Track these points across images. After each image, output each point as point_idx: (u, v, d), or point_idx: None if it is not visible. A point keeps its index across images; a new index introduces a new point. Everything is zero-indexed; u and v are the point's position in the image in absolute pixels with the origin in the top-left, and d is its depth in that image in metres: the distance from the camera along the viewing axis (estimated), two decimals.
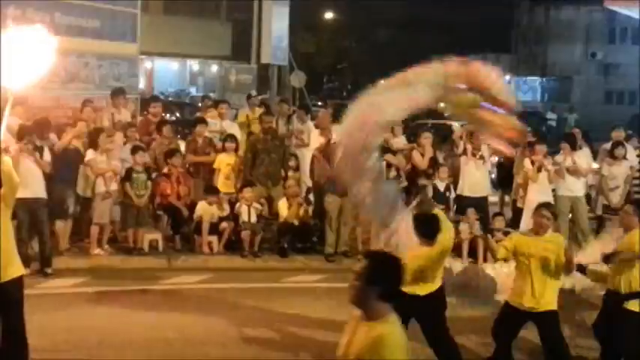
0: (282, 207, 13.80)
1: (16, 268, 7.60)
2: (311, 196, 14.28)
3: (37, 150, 12.17)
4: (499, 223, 13.69)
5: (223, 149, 14.26)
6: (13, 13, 15.82)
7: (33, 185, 11.83)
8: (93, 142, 13.19)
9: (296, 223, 13.78)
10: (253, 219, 13.58)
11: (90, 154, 13.06)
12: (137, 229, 13.34)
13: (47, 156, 12.40)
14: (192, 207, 13.63)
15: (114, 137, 13.76)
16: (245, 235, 13.46)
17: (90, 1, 17.91)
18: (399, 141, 15.14)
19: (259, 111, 16.83)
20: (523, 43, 61.36)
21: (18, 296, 7.60)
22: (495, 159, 15.44)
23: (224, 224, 13.55)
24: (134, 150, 13.42)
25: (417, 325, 8.04)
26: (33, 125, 12.66)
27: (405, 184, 14.27)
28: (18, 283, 7.60)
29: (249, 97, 18.55)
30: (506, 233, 10.44)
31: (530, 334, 8.67)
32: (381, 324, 4.49)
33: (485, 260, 13.52)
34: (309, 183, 14.60)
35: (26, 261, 10.18)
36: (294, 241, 13.94)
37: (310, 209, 14.09)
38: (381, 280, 4.53)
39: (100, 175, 13.01)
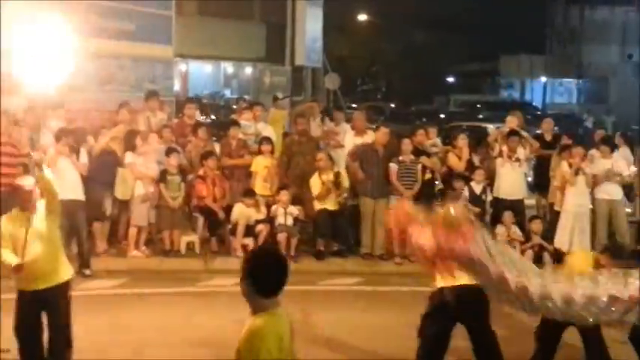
0: (315, 183, 13.77)
1: (65, 272, 7.83)
2: (343, 181, 14.11)
3: (74, 152, 12.28)
4: (536, 226, 13.61)
5: (259, 152, 14.26)
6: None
7: (70, 187, 11.92)
8: (130, 144, 13.26)
9: (330, 207, 13.72)
10: (289, 221, 13.56)
11: (129, 157, 13.13)
12: (173, 230, 13.40)
13: (84, 158, 12.51)
14: (227, 209, 13.65)
15: (149, 140, 13.80)
16: (281, 237, 13.45)
17: (125, 4, 18.03)
18: (434, 143, 15.05)
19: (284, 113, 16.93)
20: (558, 44, 60.88)
21: (67, 298, 7.82)
22: (532, 161, 15.29)
23: (260, 226, 13.54)
24: (168, 152, 13.48)
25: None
26: (71, 128, 12.76)
27: (440, 186, 14.24)
28: (66, 286, 7.82)
29: (275, 99, 18.50)
30: None
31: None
32: (259, 317, 4.60)
33: None
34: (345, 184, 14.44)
35: None
36: (330, 244, 13.89)
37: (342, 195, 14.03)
38: (257, 277, 4.61)
39: (139, 178, 13.10)
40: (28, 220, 7.49)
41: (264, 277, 4.60)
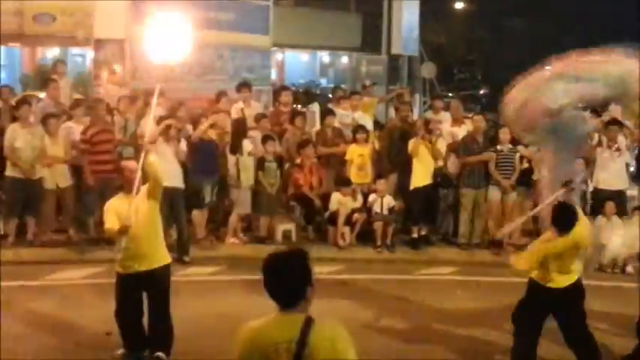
0: (412, 142, 13.68)
1: (164, 256, 8.02)
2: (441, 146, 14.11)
3: (174, 139, 12.50)
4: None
5: (354, 140, 14.26)
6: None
7: (170, 175, 12.13)
8: (241, 132, 13.46)
9: (425, 181, 13.61)
10: (386, 211, 13.56)
11: (248, 145, 13.34)
12: (270, 218, 13.55)
13: (183, 145, 12.73)
14: (324, 197, 13.72)
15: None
16: (377, 226, 13.47)
17: None
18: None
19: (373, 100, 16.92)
20: None
21: (166, 283, 8.00)
22: (635, 150, 14.90)
23: (356, 215, 13.58)
24: (264, 139, 13.61)
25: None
26: (167, 113, 13.01)
27: (538, 176, 14.02)
28: (166, 269, 8.00)
29: (363, 87, 18.45)
30: None
31: None
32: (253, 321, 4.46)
33: None
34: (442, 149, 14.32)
35: None
36: (423, 229, 13.85)
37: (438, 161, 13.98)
38: (266, 282, 4.34)
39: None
40: (130, 202, 7.71)
41: (270, 283, 4.30)
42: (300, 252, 4.41)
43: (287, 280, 4.28)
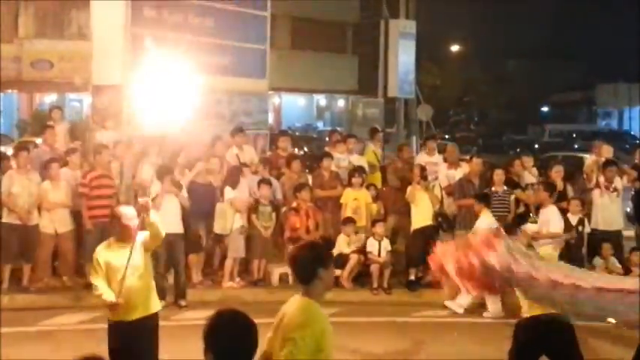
0: (409, 189, 13.74)
1: (155, 303, 7.90)
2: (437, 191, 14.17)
3: (178, 187, 12.50)
4: (637, 258, 13.30)
5: (349, 184, 14.29)
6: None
7: (171, 221, 12.11)
8: (234, 179, 13.43)
9: (425, 222, 13.64)
10: (383, 253, 13.54)
11: (230, 192, 13.31)
12: (263, 260, 13.61)
13: (184, 191, 12.73)
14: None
15: (244, 173, 13.97)
16: (374, 268, 13.44)
17: (220, 39, 18.36)
18: (529, 175, 14.83)
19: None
20: None
21: (157, 328, 7.88)
22: (631, 191, 14.94)
23: (352, 257, 13.55)
24: (259, 183, 13.69)
25: None
26: (172, 166, 12.98)
27: (535, 219, 14.01)
28: (157, 316, 7.88)
29: (375, 131, 18.27)
30: None
31: None
32: None
33: None
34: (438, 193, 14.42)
35: (162, 293, 10.53)
36: (423, 277, 13.82)
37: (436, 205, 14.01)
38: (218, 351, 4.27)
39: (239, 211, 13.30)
40: (126, 252, 7.49)
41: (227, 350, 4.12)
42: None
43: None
